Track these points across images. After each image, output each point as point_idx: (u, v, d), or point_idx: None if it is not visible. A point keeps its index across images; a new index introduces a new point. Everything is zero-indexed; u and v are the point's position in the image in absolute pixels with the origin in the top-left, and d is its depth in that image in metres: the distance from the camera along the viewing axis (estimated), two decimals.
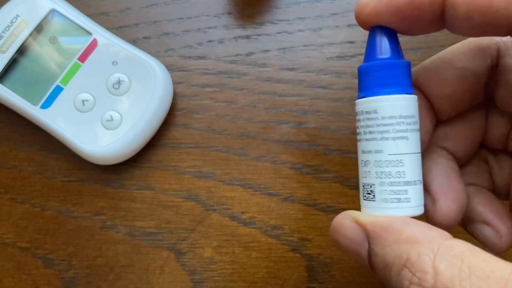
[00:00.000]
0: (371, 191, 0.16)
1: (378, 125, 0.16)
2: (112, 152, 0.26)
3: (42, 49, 0.27)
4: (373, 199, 0.16)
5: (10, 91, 0.26)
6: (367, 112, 0.16)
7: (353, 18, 0.29)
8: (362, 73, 0.16)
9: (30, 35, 0.27)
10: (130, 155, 0.27)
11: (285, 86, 0.28)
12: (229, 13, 0.29)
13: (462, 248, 0.13)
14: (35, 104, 0.26)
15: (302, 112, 0.28)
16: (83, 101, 0.27)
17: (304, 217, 0.26)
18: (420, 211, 0.16)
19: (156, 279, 0.26)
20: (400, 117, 0.15)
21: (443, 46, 0.19)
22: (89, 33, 0.27)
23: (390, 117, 0.15)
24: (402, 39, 0.17)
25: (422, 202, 0.16)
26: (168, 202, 0.27)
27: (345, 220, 0.16)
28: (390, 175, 0.15)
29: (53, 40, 0.27)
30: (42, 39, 0.27)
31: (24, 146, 0.28)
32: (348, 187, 0.26)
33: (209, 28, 0.29)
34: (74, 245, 0.27)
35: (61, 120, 0.26)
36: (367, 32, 0.17)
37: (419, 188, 0.16)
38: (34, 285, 0.26)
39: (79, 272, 0.26)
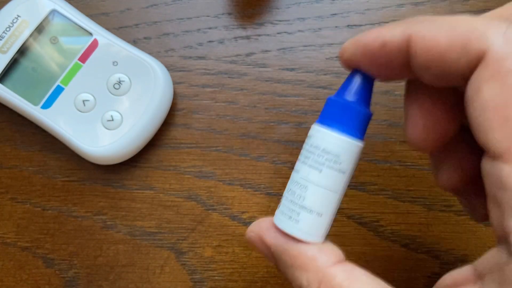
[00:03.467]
0: (280, 199, 0.17)
1: (306, 150, 0.17)
2: (113, 152, 0.26)
3: (43, 49, 0.27)
4: (278, 207, 0.17)
5: (11, 91, 0.27)
6: (308, 136, 0.17)
7: (353, 18, 0.29)
8: (325, 103, 0.17)
9: (31, 35, 0.27)
10: (130, 155, 0.27)
11: (285, 86, 0.28)
12: (229, 14, 0.29)
13: (342, 277, 0.15)
14: (35, 104, 0.26)
15: (302, 112, 0.28)
16: (83, 101, 0.27)
17: None
18: (311, 238, 0.16)
19: (156, 279, 0.26)
20: (323, 150, 0.16)
21: None
22: (90, 34, 0.27)
23: (315, 147, 0.16)
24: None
25: (317, 233, 0.17)
26: (169, 202, 0.27)
27: (254, 237, 0.17)
28: (293, 194, 0.17)
29: (54, 41, 0.27)
30: (42, 39, 0.27)
31: (25, 146, 0.28)
32: (348, 187, 0.26)
33: (209, 28, 0.29)
34: (75, 244, 0.27)
35: (61, 120, 0.26)
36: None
37: (316, 219, 0.16)
38: (34, 284, 0.26)
39: (80, 272, 0.26)
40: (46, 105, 0.26)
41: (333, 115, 0.17)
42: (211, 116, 0.28)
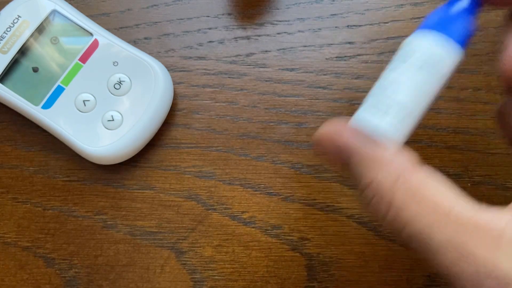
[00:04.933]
0: (367, 98, 0.17)
1: (405, 51, 0.16)
2: (113, 152, 0.26)
3: (44, 50, 0.27)
4: (360, 107, 0.17)
5: (11, 92, 0.27)
6: (405, 43, 0.17)
7: (353, 18, 0.29)
8: (430, 14, 0.17)
9: (32, 35, 0.27)
10: (130, 155, 0.27)
11: (285, 87, 0.28)
12: (229, 14, 0.30)
13: (421, 177, 0.15)
14: (36, 104, 0.27)
15: (302, 112, 0.28)
16: (84, 101, 0.27)
17: (304, 216, 0.26)
18: (393, 136, 0.16)
19: (156, 278, 0.26)
20: (424, 53, 0.16)
21: None
22: (90, 34, 0.27)
23: (415, 50, 0.16)
24: None
25: (400, 133, 0.16)
26: (169, 202, 0.27)
27: (326, 135, 0.17)
28: (385, 89, 0.16)
29: (54, 41, 0.27)
30: (43, 40, 0.27)
31: (26, 146, 0.28)
32: (347, 187, 0.27)
33: (209, 28, 0.29)
34: (75, 244, 0.27)
35: (62, 120, 0.26)
36: (366, 33, 0.18)
37: (404, 117, 0.16)
38: (35, 284, 0.26)
39: (80, 272, 0.26)
40: (47, 105, 0.27)
41: (434, 24, 0.16)
42: (211, 116, 0.28)
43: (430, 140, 0.27)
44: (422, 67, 0.16)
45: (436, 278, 0.25)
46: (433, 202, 0.14)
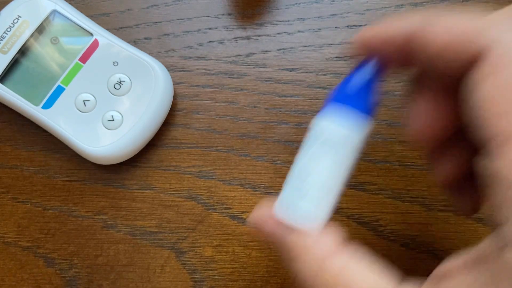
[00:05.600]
0: (285, 183, 0.17)
1: (309, 139, 0.17)
2: (113, 152, 0.26)
3: (44, 50, 0.27)
4: (278, 196, 0.17)
5: (11, 92, 0.27)
6: (309, 128, 0.17)
7: (353, 19, 0.29)
8: (330, 96, 0.17)
9: (32, 35, 0.27)
10: (131, 155, 0.27)
11: (285, 87, 0.28)
12: (229, 14, 0.30)
13: (339, 265, 0.15)
14: (36, 104, 0.27)
15: (302, 112, 0.28)
16: (84, 101, 0.27)
17: None
18: (310, 225, 0.16)
19: (156, 278, 0.26)
20: (325, 140, 0.16)
21: None
22: (90, 34, 0.27)
23: (317, 137, 0.17)
24: None
25: (316, 220, 0.16)
26: (169, 202, 0.27)
27: (254, 227, 0.18)
28: (294, 182, 0.17)
29: (55, 41, 0.27)
30: (43, 40, 0.27)
31: (26, 146, 0.28)
32: (347, 187, 0.27)
33: (209, 28, 0.29)
34: (75, 244, 0.27)
35: (62, 120, 0.26)
36: None
37: (317, 207, 0.16)
38: (35, 284, 0.26)
39: (80, 271, 0.26)
40: (47, 105, 0.27)
41: (337, 99, 0.17)
42: (211, 116, 0.28)
43: None
44: (332, 146, 0.16)
45: None
46: None
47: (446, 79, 0.16)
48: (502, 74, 0.13)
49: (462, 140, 0.18)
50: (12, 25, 0.27)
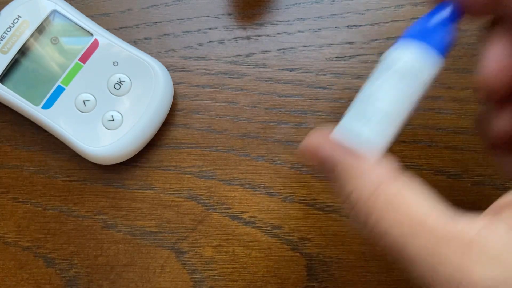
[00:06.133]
0: (350, 107, 0.17)
1: (384, 63, 0.17)
2: (113, 152, 0.26)
3: (44, 50, 0.27)
4: (347, 113, 0.17)
5: (11, 92, 0.27)
6: (384, 56, 0.17)
7: (353, 19, 0.29)
8: (409, 27, 0.18)
9: (32, 35, 0.27)
10: (131, 155, 0.27)
11: (285, 87, 0.28)
12: (229, 14, 0.30)
13: (397, 188, 0.15)
14: (36, 104, 0.27)
15: (302, 112, 0.28)
16: (84, 101, 0.27)
17: (304, 216, 0.26)
18: (371, 149, 0.16)
19: (156, 278, 0.26)
20: (403, 65, 0.16)
21: None
22: (90, 34, 0.27)
23: (394, 61, 0.17)
24: None
25: (377, 146, 0.16)
26: (169, 202, 0.27)
27: (309, 148, 0.17)
28: (362, 103, 0.17)
29: (55, 41, 0.27)
30: (43, 40, 0.27)
31: (26, 146, 0.28)
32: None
33: (209, 28, 0.29)
34: (75, 244, 0.27)
35: (62, 120, 0.26)
36: (366, 33, 0.18)
37: (386, 124, 0.16)
38: (35, 284, 0.26)
39: (80, 271, 0.26)
40: (47, 105, 0.27)
41: (413, 34, 0.17)
42: (211, 116, 0.28)
43: (430, 140, 0.27)
44: (403, 76, 0.16)
45: None
46: (408, 213, 0.14)
47: None
48: None
49: None
50: (12, 25, 0.27)
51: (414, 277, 0.14)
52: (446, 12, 0.17)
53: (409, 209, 0.14)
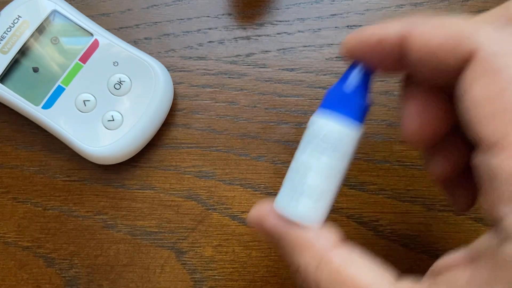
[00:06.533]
0: (283, 182, 0.18)
1: (306, 139, 0.17)
2: (113, 152, 0.26)
3: (44, 50, 0.27)
4: (278, 192, 0.18)
5: (11, 92, 0.27)
6: (307, 126, 0.18)
7: (353, 19, 0.29)
8: (325, 95, 0.18)
9: (32, 35, 0.27)
10: (131, 155, 0.27)
11: (285, 87, 0.28)
12: (229, 14, 0.30)
13: (340, 260, 0.15)
14: (36, 104, 0.27)
15: (302, 112, 0.28)
16: (84, 101, 0.27)
17: None
18: (310, 222, 0.17)
19: (156, 278, 0.26)
20: (322, 138, 0.17)
21: None
22: (90, 34, 0.27)
23: (314, 135, 0.17)
24: None
25: (316, 218, 0.17)
26: (169, 202, 0.27)
27: (254, 222, 0.18)
28: (293, 180, 0.17)
29: (55, 41, 0.27)
30: (43, 40, 0.27)
31: (26, 146, 0.28)
32: (347, 187, 0.27)
33: (209, 28, 0.29)
34: (76, 244, 0.27)
35: (62, 120, 0.26)
36: None
37: (315, 203, 0.17)
38: (35, 284, 0.26)
39: (81, 271, 0.26)
40: (47, 105, 0.27)
41: (332, 104, 0.17)
42: (211, 116, 0.28)
43: None
44: (329, 145, 0.17)
45: None
46: (353, 284, 0.15)
47: (438, 81, 0.16)
48: (491, 76, 0.14)
49: (456, 137, 0.18)
50: (12, 25, 0.27)
51: None
52: (356, 79, 0.17)
53: (353, 281, 0.15)
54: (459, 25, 0.15)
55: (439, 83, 0.16)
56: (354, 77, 0.17)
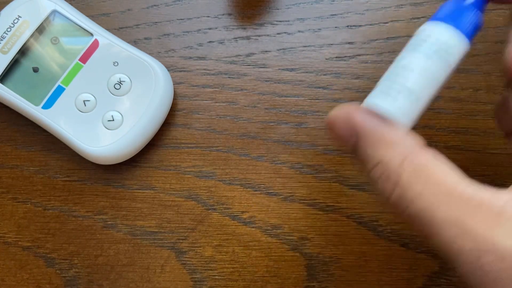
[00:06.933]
0: (380, 82, 0.18)
1: (418, 39, 0.17)
2: (113, 152, 0.26)
3: (44, 50, 0.27)
4: (374, 90, 0.18)
5: (12, 92, 0.27)
6: (419, 31, 0.18)
7: (353, 19, 0.29)
8: (442, 5, 0.18)
9: (32, 35, 0.27)
10: (131, 155, 0.27)
11: (285, 87, 0.28)
12: (229, 14, 0.30)
13: (427, 157, 0.15)
14: (36, 104, 0.27)
15: (302, 112, 0.28)
16: (84, 101, 0.27)
17: (304, 216, 0.26)
18: (403, 119, 0.17)
19: (156, 278, 0.26)
20: (436, 40, 0.17)
21: None
22: (90, 34, 0.27)
23: (428, 36, 0.17)
24: None
25: (409, 117, 0.17)
26: (169, 202, 0.27)
27: (339, 116, 0.17)
28: (397, 75, 0.17)
29: (55, 41, 0.27)
30: (43, 40, 0.27)
31: (26, 146, 0.28)
32: (347, 187, 0.27)
33: (209, 29, 0.29)
34: (76, 244, 0.27)
35: (62, 120, 0.26)
36: (366, 33, 0.18)
37: (413, 101, 0.17)
38: (35, 284, 0.26)
39: (81, 271, 0.26)
40: (47, 105, 0.27)
41: (449, 13, 0.18)
42: (211, 116, 0.28)
43: (430, 140, 0.27)
44: (432, 54, 0.17)
45: (437, 278, 0.25)
46: (437, 182, 0.15)
47: None
48: None
49: None
50: (12, 25, 0.27)
51: (438, 245, 0.15)
52: None
53: (439, 178, 0.15)
54: None
55: None
56: None
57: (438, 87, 0.17)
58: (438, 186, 0.15)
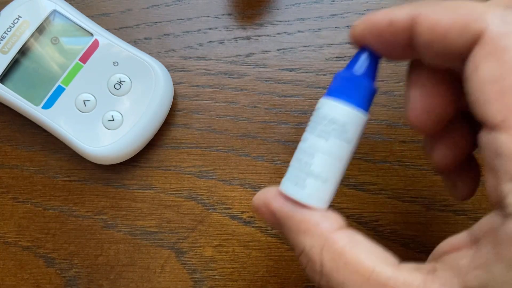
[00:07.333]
0: (289, 166, 0.18)
1: (314, 120, 0.17)
2: (113, 152, 0.26)
3: (44, 50, 0.27)
4: (285, 175, 0.18)
5: (12, 92, 0.27)
6: (315, 109, 0.18)
7: (353, 19, 0.29)
8: (333, 78, 0.18)
9: (32, 35, 0.27)
10: (131, 155, 0.27)
11: (285, 87, 0.28)
12: (229, 14, 0.30)
13: (344, 242, 0.16)
14: (36, 104, 0.27)
15: (302, 112, 0.28)
16: (84, 101, 0.27)
17: None
18: (316, 204, 0.17)
19: (156, 278, 0.26)
20: (330, 120, 0.17)
21: None
22: (90, 34, 0.27)
23: (322, 117, 0.17)
24: None
25: (322, 200, 0.17)
26: (169, 202, 0.27)
27: (260, 204, 0.18)
28: (300, 161, 0.17)
29: (55, 41, 0.27)
30: (43, 40, 0.27)
31: (26, 146, 0.28)
32: (346, 187, 0.27)
33: (210, 29, 0.29)
34: (76, 244, 0.27)
35: (62, 120, 0.26)
36: None
37: (321, 185, 0.17)
38: (35, 284, 0.26)
39: (81, 271, 0.26)
40: (47, 105, 0.27)
41: (341, 88, 0.17)
42: (211, 116, 0.28)
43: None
44: (330, 135, 0.17)
45: None
46: (355, 268, 0.15)
47: (446, 65, 0.16)
48: (498, 56, 0.14)
49: (460, 126, 0.18)
50: (12, 25, 0.27)
51: None
52: (363, 67, 0.18)
53: (356, 264, 0.15)
54: (468, 8, 0.15)
55: (447, 66, 0.16)
56: (362, 62, 0.18)
57: (344, 164, 0.17)
58: (356, 274, 0.15)
